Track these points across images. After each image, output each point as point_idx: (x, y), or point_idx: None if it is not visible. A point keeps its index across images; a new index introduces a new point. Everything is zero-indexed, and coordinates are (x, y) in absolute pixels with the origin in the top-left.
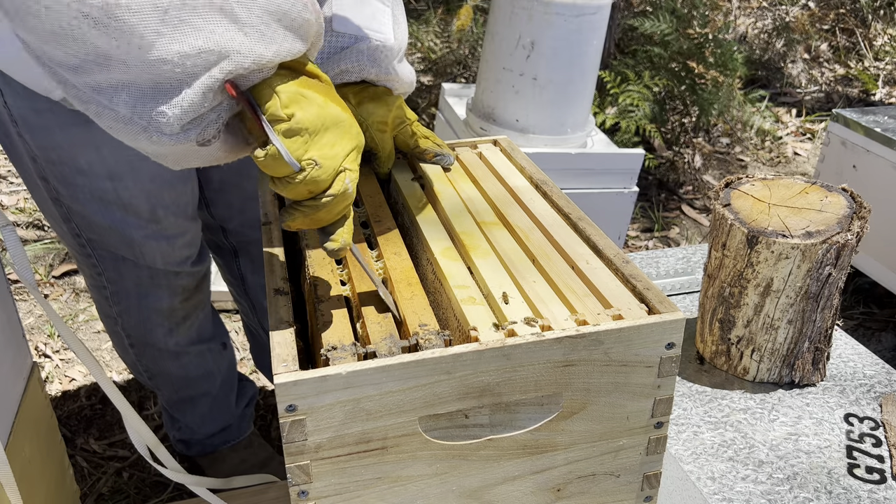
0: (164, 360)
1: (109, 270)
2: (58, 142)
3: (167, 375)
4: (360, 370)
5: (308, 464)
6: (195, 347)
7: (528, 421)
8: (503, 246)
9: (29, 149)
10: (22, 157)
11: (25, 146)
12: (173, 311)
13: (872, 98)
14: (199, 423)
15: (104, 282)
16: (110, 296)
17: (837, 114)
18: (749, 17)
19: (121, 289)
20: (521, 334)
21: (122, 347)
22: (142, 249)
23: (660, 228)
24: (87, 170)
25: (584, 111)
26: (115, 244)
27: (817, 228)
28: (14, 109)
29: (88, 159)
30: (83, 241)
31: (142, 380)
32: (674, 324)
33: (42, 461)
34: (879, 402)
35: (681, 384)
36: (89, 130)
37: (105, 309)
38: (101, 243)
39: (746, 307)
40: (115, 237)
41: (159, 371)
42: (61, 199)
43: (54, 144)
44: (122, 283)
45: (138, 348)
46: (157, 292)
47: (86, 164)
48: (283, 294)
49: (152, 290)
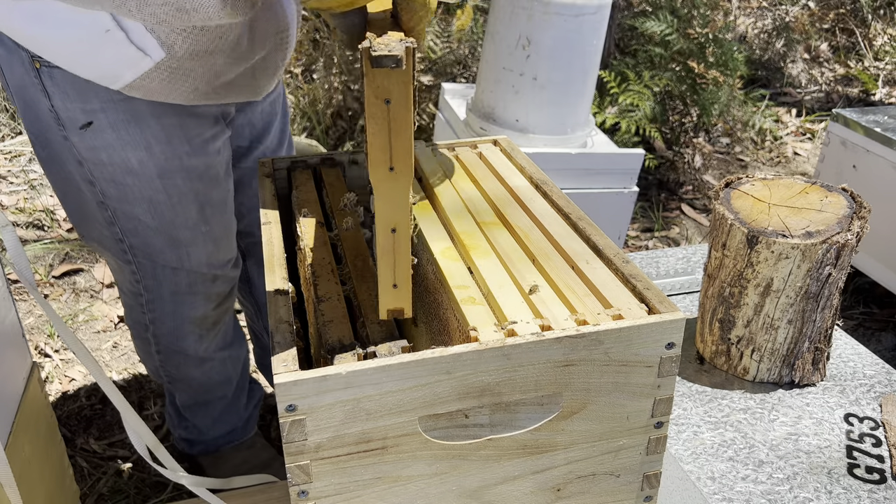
0: (190, 366)
1: (148, 278)
2: (109, 141)
3: (189, 381)
4: (360, 370)
5: (308, 464)
6: (220, 353)
7: (528, 421)
8: (503, 246)
9: (76, 152)
10: (65, 162)
11: (72, 150)
12: (206, 318)
13: (872, 98)
14: (209, 424)
15: (141, 289)
16: (145, 303)
17: (837, 114)
18: (749, 16)
19: (157, 297)
20: (520, 334)
21: (147, 353)
22: (188, 251)
23: (660, 228)
24: (137, 169)
25: (584, 111)
26: (159, 248)
27: (817, 228)
28: (62, 112)
29: (139, 158)
30: (125, 246)
31: (159, 381)
32: (674, 324)
33: (42, 461)
34: (879, 402)
35: (681, 384)
36: (141, 129)
37: (137, 315)
38: (143, 249)
39: (746, 307)
40: (161, 240)
41: (182, 376)
42: (108, 202)
43: (105, 144)
44: (159, 291)
45: (165, 354)
46: (192, 300)
47: (137, 163)
48: (283, 294)
49: (188, 297)
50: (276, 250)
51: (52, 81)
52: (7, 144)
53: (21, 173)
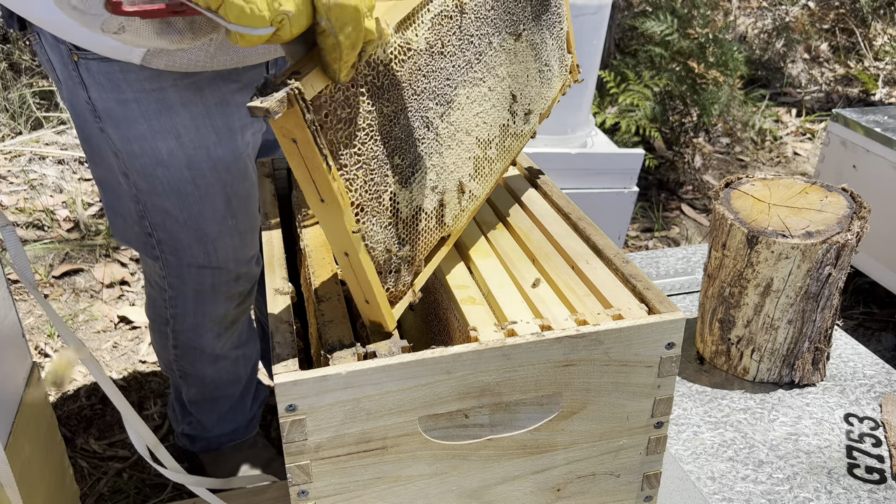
0: (204, 362)
1: (173, 276)
2: (141, 132)
3: (201, 377)
4: (360, 370)
5: (308, 463)
6: (234, 352)
7: (527, 421)
8: (503, 246)
9: (111, 143)
10: (105, 155)
11: (108, 141)
12: (226, 316)
13: (872, 98)
14: (213, 422)
15: (166, 285)
16: (168, 299)
17: (837, 114)
18: (749, 17)
19: (180, 294)
20: (520, 334)
21: (164, 346)
22: (215, 245)
23: (660, 228)
24: (167, 160)
25: (584, 111)
26: (186, 243)
27: (817, 228)
28: (98, 103)
29: (169, 148)
30: (154, 241)
31: (170, 375)
32: (674, 324)
33: (42, 461)
34: (879, 402)
35: (681, 384)
36: (171, 118)
37: (159, 310)
38: (170, 245)
39: (746, 307)
40: (188, 235)
41: (195, 372)
42: (140, 195)
43: (137, 135)
44: (183, 289)
45: (181, 350)
46: (215, 298)
47: (166, 153)
48: (283, 294)
49: (211, 296)
50: (276, 250)
51: (89, 73)
52: (7, 144)
53: (21, 173)
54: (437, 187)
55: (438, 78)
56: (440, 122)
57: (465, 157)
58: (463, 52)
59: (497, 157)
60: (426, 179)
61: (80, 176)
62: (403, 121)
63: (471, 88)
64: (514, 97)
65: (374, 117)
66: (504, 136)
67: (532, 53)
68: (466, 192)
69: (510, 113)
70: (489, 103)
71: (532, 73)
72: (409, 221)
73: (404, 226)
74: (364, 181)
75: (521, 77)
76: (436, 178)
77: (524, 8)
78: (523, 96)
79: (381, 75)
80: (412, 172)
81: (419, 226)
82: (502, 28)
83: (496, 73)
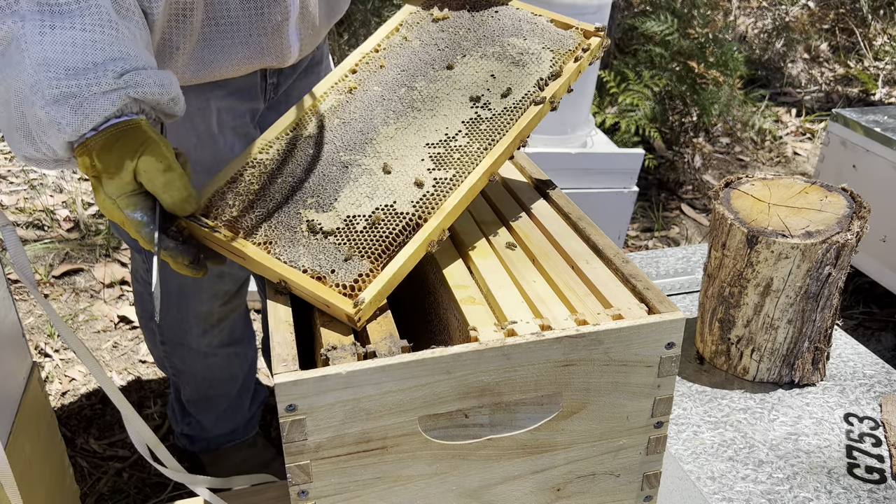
0: (193, 359)
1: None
2: None
3: (193, 374)
4: (360, 370)
5: (308, 463)
6: (224, 350)
7: (527, 421)
8: (503, 246)
9: None
10: None
11: None
12: (210, 314)
13: (872, 98)
14: (213, 422)
15: (150, 279)
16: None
17: (837, 114)
18: (749, 16)
19: (164, 288)
20: (520, 334)
21: (153, 342)
22: None
23: (660, 228)
24: None
25: (584, 111)
26: None
27: (817, 228)
28: None
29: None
30: None
31: (165, 372)
32: (674, 323)
33: (42, 461)
34: (879, 401)
35: (681, 384)
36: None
37: (146, 305)
38: None
39: (746, 307)
40: None
41: (186, 369)
42: None
43: None
44: (166, 284)
45: (169, 346)
46: (199, 295)
47: None
48: (283, 294)
49: (194, 292)
50: None
51: None
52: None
53: (21, 173)
54: (376, 193)
55: (344, 137)
56: (359, 157)
57: (414, 160)
58: (370, 110)
59: (473, 142)
60: (355, 195)
61: (79, 176)
62: (314, 169)
63: (394, 123)
64: (477, 98)
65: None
66: (477, 123)
67: (485, 63)
68: (428, 182)
69: (474, 107)
70: (430, 120)
71: (499, 71)
72: (339, 231)
73: (334, 237)
74: (271, 229)
75: (479, 82)
76: (370, 191)
77: (463, 38)
78: (490, 89)
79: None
80: (333, 200)
81: (357, 227)
82: (430, 67)
83: (430, 100)
